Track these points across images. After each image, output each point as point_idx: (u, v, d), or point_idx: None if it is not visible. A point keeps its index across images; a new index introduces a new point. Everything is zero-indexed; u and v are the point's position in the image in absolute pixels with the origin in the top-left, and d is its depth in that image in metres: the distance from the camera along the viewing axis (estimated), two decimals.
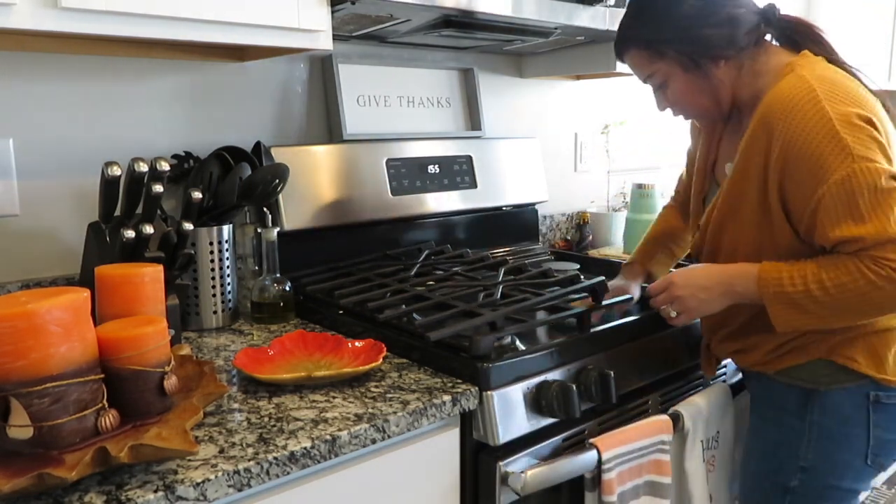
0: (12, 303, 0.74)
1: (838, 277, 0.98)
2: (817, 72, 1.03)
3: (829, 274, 0.99)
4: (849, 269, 0.97)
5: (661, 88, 1.15)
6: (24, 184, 1.27)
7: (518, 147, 1.92)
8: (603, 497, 1.08)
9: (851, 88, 1.02)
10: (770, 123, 1.01)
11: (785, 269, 1.03)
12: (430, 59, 1.81)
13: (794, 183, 1.01)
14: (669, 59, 1.10)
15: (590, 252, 2.03)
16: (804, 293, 1.00)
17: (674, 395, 1.30)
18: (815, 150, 0.97)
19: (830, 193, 0.97)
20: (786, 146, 1.00)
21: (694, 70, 1.09)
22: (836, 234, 0.98)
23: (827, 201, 0.98)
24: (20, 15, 0.93)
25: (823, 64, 1.06)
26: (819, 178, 0.98)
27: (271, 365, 1.08)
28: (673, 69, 1.11)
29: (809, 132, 0.97)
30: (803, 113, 0.98)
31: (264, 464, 0.81)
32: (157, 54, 1.37)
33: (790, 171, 1.01)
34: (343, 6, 1.24)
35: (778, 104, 1.01)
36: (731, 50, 1.08)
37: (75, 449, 0.75)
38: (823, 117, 0.97)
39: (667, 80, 1.12)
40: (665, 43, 1.09)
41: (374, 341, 1.12)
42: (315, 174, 1.52)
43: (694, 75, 1.10)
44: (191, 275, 1.30)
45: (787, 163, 1.00)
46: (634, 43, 1.14)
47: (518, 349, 1.12)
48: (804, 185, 1.00)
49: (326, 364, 1.10)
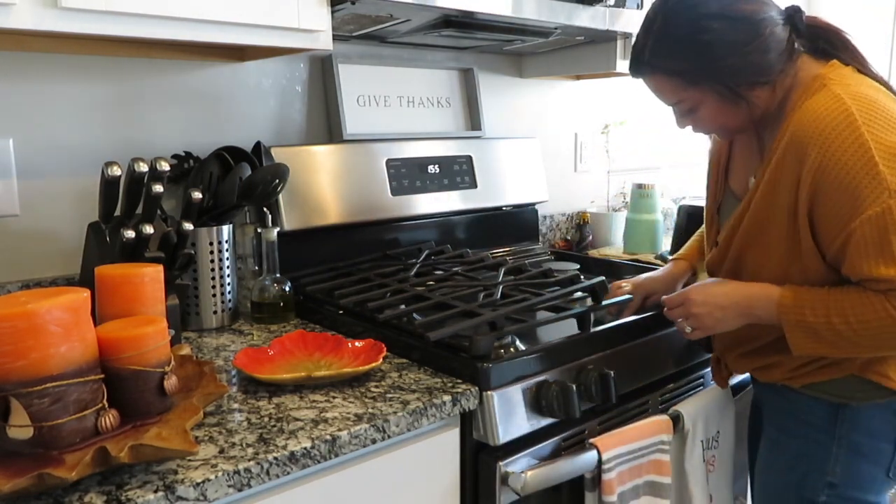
0: (12, 303, 0.74)
1: (863, 314, 0.95)
2: (853, 89, 0.97)
3: (854, 308, 0.96)
4: (874, 308, 0.94)
5: (689, 113, 1.08)
6: (24, 184, 1.27)
7: (518, 147, 1.92)
8: (603, 497, 1.08)
9: (891, 110, 0.96)
10: (803, 147, 0.96)
11: (807, 297, 1.00)
12: (430, 59, 1.81)
13: (825, 211, 0.96)
14: (703, 89, 1.03)
15: (590, 252, 2.02)
16: (826, 324, 0.97)
17: (674, 395, 1.30)
18: (850, 182, 0.92)
19: (863, 229, 0.93)
20: (820, 173, 0.94)
21: (730, 97, 1.02)
22: (865, 272, 0.94)
23: (858, 237, 0.93)
24: (20, 15, 0.93)
25: (857, 77, 1.01)
26: (852, 212, 0.93)
27: (271, 365, 1.08)
28: (707, 98, 1.04)
29: (846, 162, 0.92)
30: (841, 140, 0.93)
31: (264, 464, 0.81)
32: (157, 54, 1.37)
33: (822, 199, 0.96)
34: (343, 6, 1.24)
35: (813, 127, 0.95)
36: (768, 75, 1.01)
37: (75, 449, 0.75)
38: (862, 146, 0.92)
39: (697, 106, 1.06)
40: (697, 73, 1.01)
41: (374, 341, 1.12)
42: (315, 174, 1.52)
43: (730, 101, 1.03)
44: (191, 275, 1.30)
45: (819, 190, 0.96)
46: (660, 70, 1.05)
47: (518, 349, 1.11)
48: (836, 216, 0.95)
49: (326, 364, 1.10)
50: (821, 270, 1.01)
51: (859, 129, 0.92)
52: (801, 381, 1.10)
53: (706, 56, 1.00)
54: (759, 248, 1.07)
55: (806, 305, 0.99)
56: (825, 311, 0.98)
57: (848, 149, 0.92)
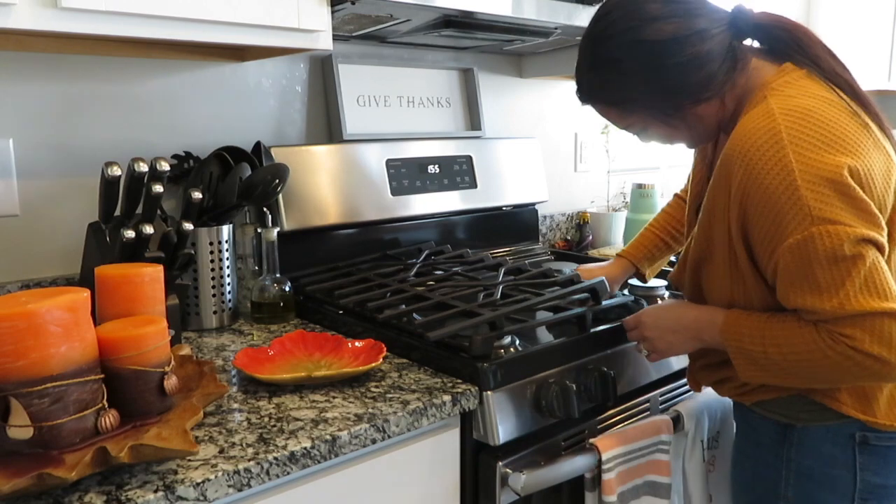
0: (12, 303, 0.74)
1: (794, 345, 0.90)
2: (791, 101, 0.90)
3: (787, 339, 0.91)
4: (804, 339, 0.89)
5: (642, 133, 1.06)
6: (24, 184, 1.27)
7: (518, 147, 1.92)
8: (603, 497, 1.08)
9: (830, 122, 0.88)
10: (730, 167, 0.91)
11: (746, 325, 0.95)
12: (430, 59, 1.81)
13: (755, 234, 0.92)
14: (643, 113, 1.00)
15: (590, 252, 2.03)
16: (762, 353, 0.93)
17: (674, 395, 1.30)
18: (772, 207, 0.87)
19: (785, 259, 0.88)
20: (745, 194, 0.90)
21: (673, 115, 0.99)
22: (793, 302, 0.90)
23: (782, 266, 0.89)
24: (20, 15, 0.93)
25: (802, 83, 0.93)
26: (776, 239, 0.88)
27: (271, 365, 1.08)
28: (650, 119, 1.01)
29: (768, 185, 0.87)
30: (763, 161, 0.87)
31: (264, 464, 0.81)
32: (157, 54, 1.37)
33: (751, 220, 0.91)
34: (343, 6, 1.24)
35: (739, 146, 0.90)
36: (709, 90, 0.96)
37: (75, 449, 0.75)
38: (784, 168, 0.86)
39: (646, 128, 1.04)
40: (631, 101, 0.99)
41: (374, 341, 1.12)
42: (315, 174, 1.52)
43: (674, 119, 1.00)
44: (191, 275, 1.30)
45: (747, 211, 0.91)
46: (598, 101, 1.04)
47: (518, 349, 1.11)
48: (763, 242, 0.91)
49: (326, 364, 1.10)
50: (762, 294, 0.97)
51: (784, 149, 0.86)
52: (750, 398, 1.06)
53: (633, 84, 0.97)
54: (709, 269, 1.03)
55: (745, 333, 0.95)
56: (761, 340, 0.93)
57: (770, 171, 0.87)
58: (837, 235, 0.84)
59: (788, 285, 0.89)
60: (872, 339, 0.85)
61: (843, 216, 0.85)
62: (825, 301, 0.86)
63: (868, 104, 0.95)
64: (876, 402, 0.96)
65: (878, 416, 0.96)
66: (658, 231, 1.39)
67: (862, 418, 0.96)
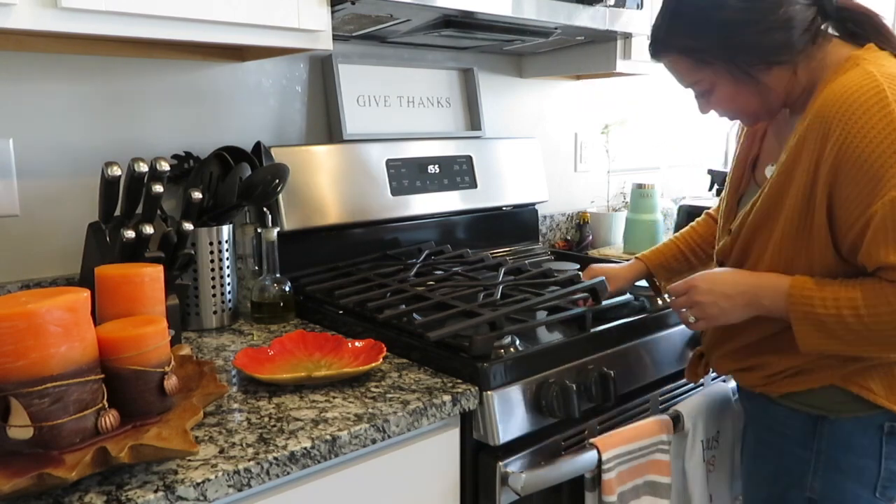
0: (12, 303, 0.74)
1: (876, 307, 0.89)
2: (886, 69, 0.91)
3: (866, 300, 0.90)
4: (888, 300, 0.89)
5: (706, 95, 1.05)
6: (24, 184, 1.27)
7: (518, 147, 1.92)
8: (603, 497, 1.08)
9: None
10: (827, 122, 0.90)
11: (818, 289, 0.94)
12: (430, 59, 1.81)
13: (846, 192, 0.91)
14: (716, 68, 1.00)
15: (590, 252, 2.03)
16: (836, 317, 0.92)
17: (674, 395, 1.30)
18: (876, 160, 0.86)
19: (884, 211, 0.87)
20: (843, 150, 0.89)
21: (744, 78, 0.99)
22: (881, 258, 0.89)
23: (878, 220, 0.87)
24: (20, 15, 0.93)
25: (893, 60, 0.94)
26: (875, 192, 0.87)
27: (271, 365, 1.08)
28: (720, 78, 1.01)
29: (873, 138, 0.87)
30: (869, 115, 0.87)
31: (264, 464, 0.81)
32: (157, 54, 1.37)
33: (844, 178, 0.90)
34: (343, 6, 1.24)
35: (839, 101, 0.90)
36: (785, 55, 0.97)
37: (75, 449, 0.75)
38: (891, 123, 0.86)
39: (713, 88, 1.03)
40: (710, 52, 0.99)
41: (374, 341, 1.12)
42: (315, 174, 1.52)
43: (744, 83, 1.00)
44: (191, 275, 1.30)
45: (841, 169, 0.90)
46: (675, 50, 1.03)
47: (518, 349, 1.11)
48: (857, 197, 0.89)
49: (326, 364, 1.10)
50: (829, 264, 0.96)
51: (889, 105, 0.87)
52: (778, 389, 1.06)
53: (719, 33, 0.97)
54: (767, 233, 1.02)
55: (815, 297, 0.93)
56: (835, 302, 0.92)
57: (877, 125, 0.87)
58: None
59: (881, 242, 0.89)
60: None
61: None
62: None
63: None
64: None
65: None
66: (681, 243, 1.36)
67: (892, 408, 0.98)
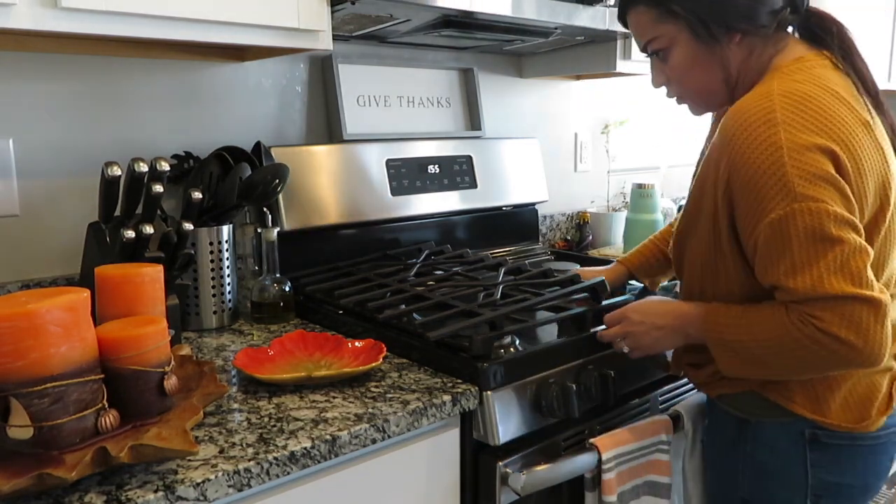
0: (12, 303, 0.74)
1: (767, 329, 0.90)
2: (794, 85, 0.91)
3: (761, 324, 0.91)
4: (775, 322, 0.90)
5: (663, 56, 1.03)
6: (24, 184, 1.27)
7: (518, 147, 1.92)
8: (603, 497, 1.08)
9: (826, 110, 0.89)
10: (724, 140, 0.92)
11: (725, 314, 0.96)
12: (430, 59, 1.81)
13: (739, 212, 0.92)
14: (679, 21, 0.98)
15: (590, 252, 2.03)
16: (740, 343, 0.93)
17: (674, 395, 1.30)
18: (756, 181, 0.88)
19: (766, 233, 0.88)
20: (732, 170, 0.90)
21: (704, 39, 0.98)
22: (768, 280, 0.90)
23: (762, 241, 0.89)
24: (20, 15, 0.93)
25: (817, 72, 0.94)
26: (758, 215, 0.89)
27: (271, 365, 1.08)
28: (680, 34, 0.99)
29: (755, 160, 0.87)
30: (754, 136, 0.88)
31: (264, 464, 0.81)
32: (157, 54, 1.37)
33: (735, 198, 0.92)
34: (343, 6, 1.24)
35: (735, 120, 0.91)
36: (749, 24, 0.96)
37: (75, 449, 0.75)
38: (773, 144, 0.87)
39: (671, 47, 1.01)
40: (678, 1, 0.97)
41: (374, 341, 1.12)
42: (315, 174, 1.52)
43: (702, 45, 0.98)
44: (191, 275, 1.30)
45: (731, 188, 0.92)
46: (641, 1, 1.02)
47: (518, 349, 1.11)
48: (747, 218, 0.91)
49: (326, 364, 1.10)
50: (741, 273, 0.96)
51: (775, 125, 0.87)
52: (713, 390, 1.07)
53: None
54: (693, 244, 1.03)
55: (723, 323, 0.95)
56: (736, 329, 0.93)
57: (759, 146, 0.87)
58: (819, 213, 0.85)
59: (767, 262, 0.90)
60: (842, 323, 0.85)
61: (825, 195, 0.85)
62: (800, 280, 0.86)
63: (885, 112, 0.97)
64: (827, 403, 0.97)
65: (829, 416, 0.97)
66: (659, 242, 1.37)
67: (811, 417, 0.97)
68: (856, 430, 0.98)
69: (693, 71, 1.02)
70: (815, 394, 0.98)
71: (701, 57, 1.00)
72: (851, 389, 0.98)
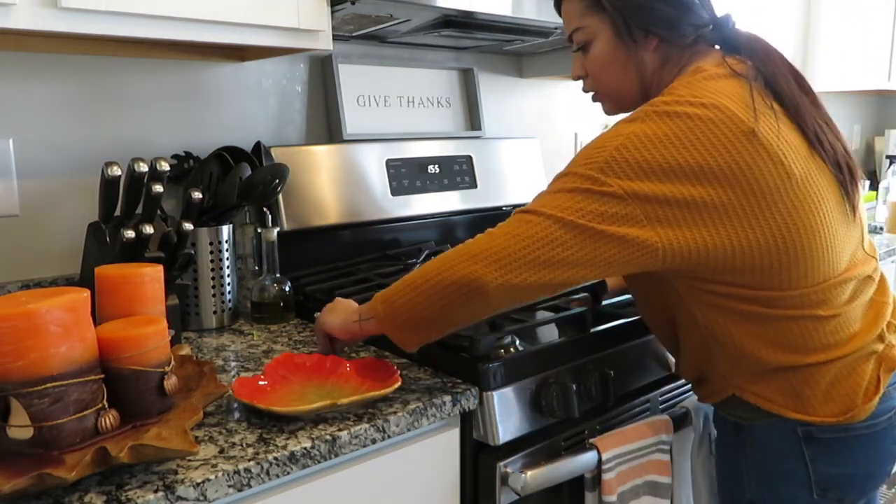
0: (12, 303, 0.74)
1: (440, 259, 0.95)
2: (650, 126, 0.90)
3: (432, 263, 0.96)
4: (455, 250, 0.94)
5: (584, 50, 1.05)
6: (24, 184, 1.27)
7: (518, 147, 1.92)
8: (603, 497, 1.08)
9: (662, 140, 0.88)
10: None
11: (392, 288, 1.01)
12: (430, 59, 1.81)
13: None
14: (604, 16, 1.00)
15: None
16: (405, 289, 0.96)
17: (674, 395, 1.30)
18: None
19: None
20: None
21: (623, 38, 1.00)
22: None
23: None
24: (20, 15, 0.93)
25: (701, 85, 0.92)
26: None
27: (275, 395, 0.98)
28: (603, 29, 1.01)
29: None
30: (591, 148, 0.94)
31: (264, 464, 0.81)
32: (157, 54, 1.37)
33: None
34: (343, 6, 1.24)
35: (587, 149, 0.95)
36: (669, 31, 0.99)
37: (75, 449, 0.75)
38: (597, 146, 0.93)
39: (593, 40, 1.03)
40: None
41: (373, 360, 1.05)
42: (315, 174, 1.52)
43: (621, 44, 1.01)
44: (191, 275, 1.30)
45: None
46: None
47: (518, 349, 1.11)
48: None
49: (332, 387, 1.01)
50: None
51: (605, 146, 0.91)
52: (711, 399, 1.08)
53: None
54: None
55: (391, 292, 0.98)
56: (402, 282, 0.97)
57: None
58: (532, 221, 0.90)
59: None
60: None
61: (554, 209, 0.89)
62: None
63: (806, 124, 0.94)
64: (808, 399, 0.96)
65: (812, 413, 0.96)
66: None
67: (795, 417, 0.97)
68: (843, 422, 0.96)
69: (609, 68, 1.04)
70: (793, 391, 0.96)
71: (619, 55, 1.02)
72: (833, 382, 0.96)
